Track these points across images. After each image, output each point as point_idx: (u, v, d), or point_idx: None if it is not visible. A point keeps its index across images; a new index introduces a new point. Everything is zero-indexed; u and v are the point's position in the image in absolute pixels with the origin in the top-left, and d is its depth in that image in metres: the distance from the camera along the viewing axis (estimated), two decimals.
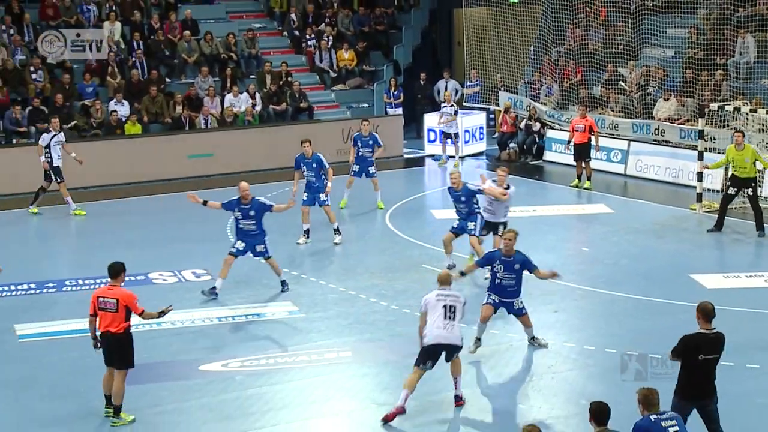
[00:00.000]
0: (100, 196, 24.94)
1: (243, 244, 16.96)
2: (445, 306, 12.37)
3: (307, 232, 20.32)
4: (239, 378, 13.99)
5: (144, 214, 23.75)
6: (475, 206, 17.76)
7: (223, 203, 17.09)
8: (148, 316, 12.58)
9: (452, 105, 28.94)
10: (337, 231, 20.25)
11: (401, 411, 12.29)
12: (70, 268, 19.68)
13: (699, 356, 10.62)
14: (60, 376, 13.95)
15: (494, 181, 18.00)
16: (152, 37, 30.70)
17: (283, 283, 17.42)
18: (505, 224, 17.46)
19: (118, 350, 12.41)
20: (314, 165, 20.30)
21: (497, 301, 14.34)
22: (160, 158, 26.83)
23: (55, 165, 23.09)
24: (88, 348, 12.95)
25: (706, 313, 10.77)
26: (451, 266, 17.34)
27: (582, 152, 25.34)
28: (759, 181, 21.26)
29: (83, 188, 24.98)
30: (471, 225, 17.72)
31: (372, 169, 23.08)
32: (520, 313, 14.45)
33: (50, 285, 17.96)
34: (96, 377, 12.87)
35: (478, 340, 14.40)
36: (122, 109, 28.10)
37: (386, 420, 12.26)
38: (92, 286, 16.92)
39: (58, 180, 23.12)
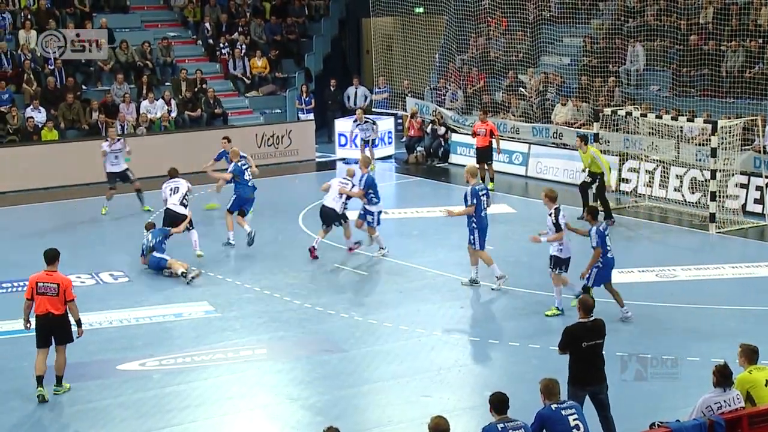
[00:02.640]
0: (20, 200, 24.89)
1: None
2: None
3: None
4: (157, 376, 14.10)
5: (62, 218, 23.80)
6: None
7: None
8: (74, 308, 13.13)
9: (367, 121, 29.00)
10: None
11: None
12: None
13: (582, 344, 11.22)
14: None
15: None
16: None
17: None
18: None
19: (60, 329, 13.08)
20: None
21: None
22: (77, 163, 26.97)
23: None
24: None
25: (586, 306, 11.47)
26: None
27: (484, 155, 25.99)
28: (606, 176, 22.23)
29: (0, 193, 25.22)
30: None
31: None
32: None
33: None
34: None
35: None
36: (39, 115, 28.24)
37: None
38: (9, 290, 17.33)
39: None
